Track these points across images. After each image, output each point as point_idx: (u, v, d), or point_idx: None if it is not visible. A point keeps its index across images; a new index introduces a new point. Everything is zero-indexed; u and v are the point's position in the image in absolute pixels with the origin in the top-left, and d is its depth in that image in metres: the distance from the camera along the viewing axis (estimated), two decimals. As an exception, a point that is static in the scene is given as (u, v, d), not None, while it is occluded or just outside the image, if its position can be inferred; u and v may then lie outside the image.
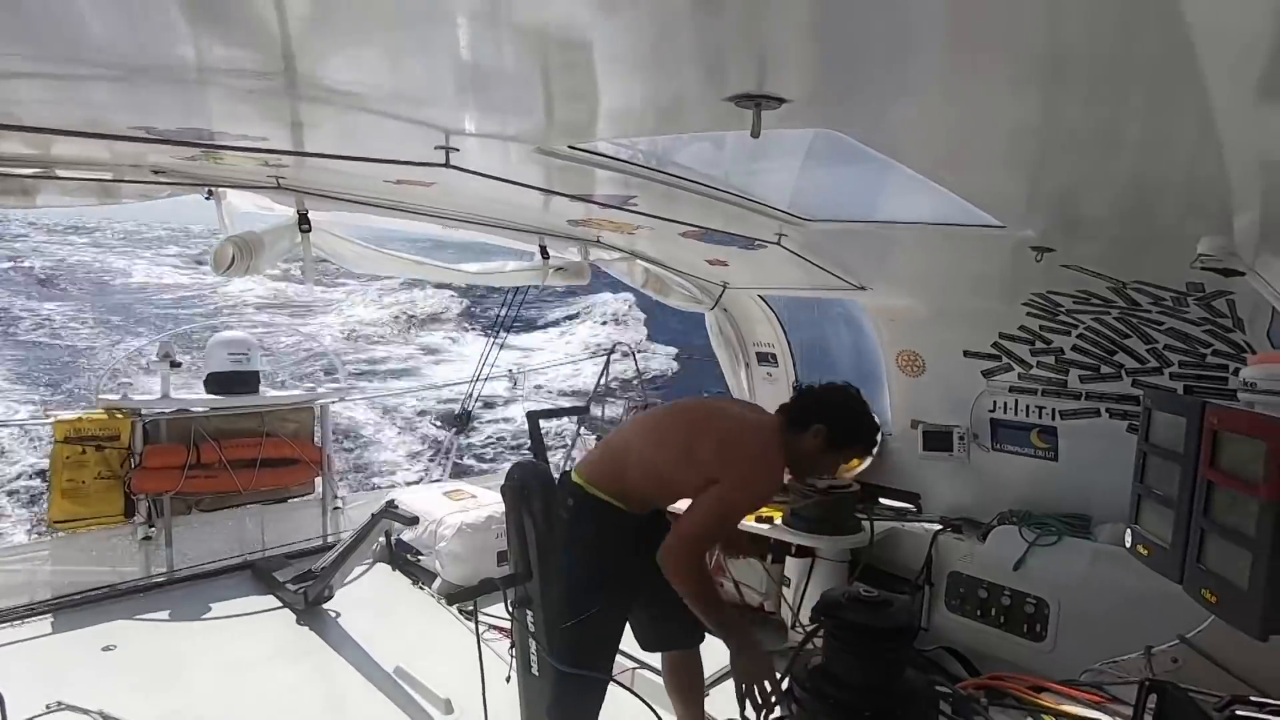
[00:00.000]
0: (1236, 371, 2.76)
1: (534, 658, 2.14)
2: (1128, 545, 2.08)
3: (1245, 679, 1.95)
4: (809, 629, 1.43)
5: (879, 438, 2.06)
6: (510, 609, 2.17)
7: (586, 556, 2.15)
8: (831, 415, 2.19)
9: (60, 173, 2.61)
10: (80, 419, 4.07)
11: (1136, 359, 3.11)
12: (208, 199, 3.09)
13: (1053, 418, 3.42)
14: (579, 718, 2.10)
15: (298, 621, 3.75)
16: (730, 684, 3.21)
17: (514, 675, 2.19)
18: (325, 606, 3.83)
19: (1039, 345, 3.36)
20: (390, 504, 3.79)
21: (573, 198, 2.79)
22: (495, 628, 3.20)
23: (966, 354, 3.60)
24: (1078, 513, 3.32)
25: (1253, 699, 1.39)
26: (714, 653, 3.34)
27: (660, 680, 2.50)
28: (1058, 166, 1.90)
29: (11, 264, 26.46)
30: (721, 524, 2.10)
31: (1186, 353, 2.95)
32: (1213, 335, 2.83)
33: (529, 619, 2.15)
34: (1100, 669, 1.98)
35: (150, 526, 4.22)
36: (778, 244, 3.16)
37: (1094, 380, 3.27)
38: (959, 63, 1.29)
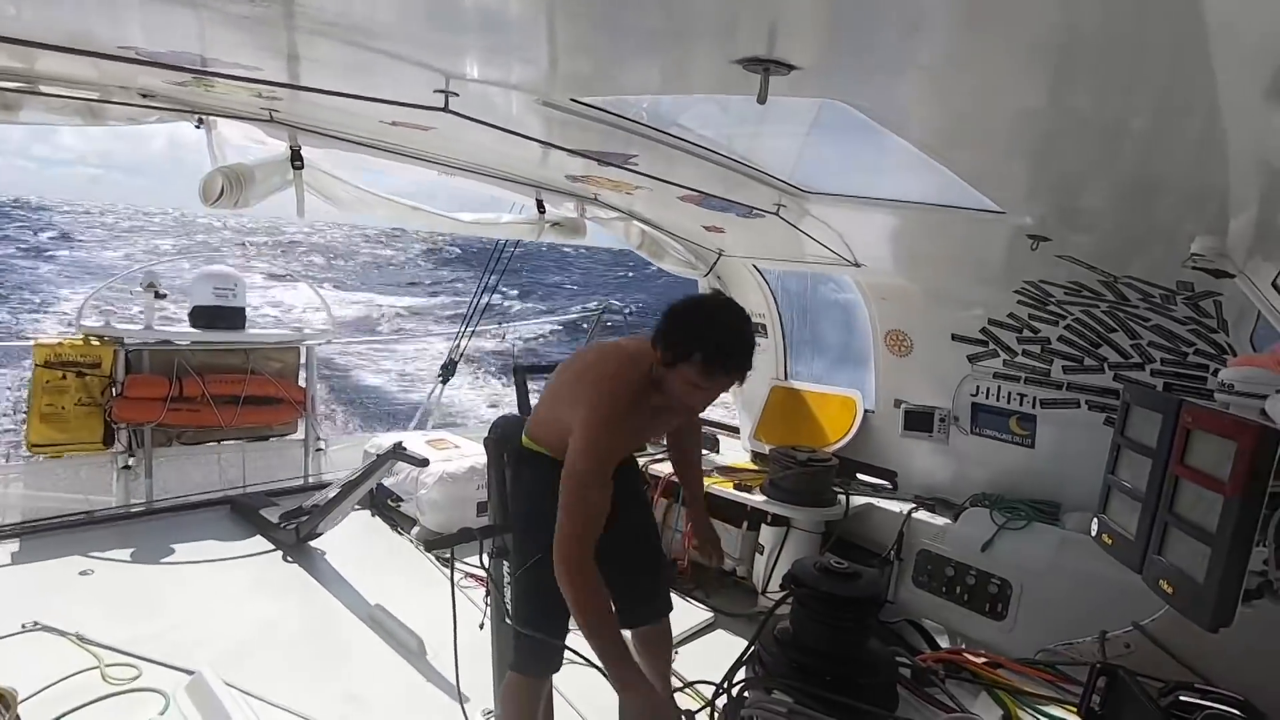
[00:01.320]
0: (1216, 372, 2.80)
1: (509, 607, 2.18)
2: (1093, 533, 2.14)
3: (1192, 667, 2.03)
4: (779, 595, 1.46)
5: (729, 358, 1.76)
6: (488, 559, 2.20)
7: (523, 508, 2.13)
8: (664, 320, 1.80)
9: (44, 88, 2.53)
10: (61, 344, 4.02)
11: (1120, 353, 3.14)
12: (197, 127, 3.01)
13: (1033, 406, 3.46)
14: (538, 668, 2.11)
15: (284, 557, 3.79)
16: (699, 642, 3.27)
17: (487, 622, 2.23)
18: (310, 545, 3.87)
19: (1026, 334, 3.39)
20: (399, 445, 3.79)
21: (572, 153, 2.75)
22: (472, 575, 3.25)
23: (954, 338, 3.62)
24: (1048, 499, 3.39)
25: (1197, 686, 1.45)
26: (682, 614, 3.42)
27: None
28: (1061, 154, 1.88)
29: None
30: (582, 503, 1.74)
31: (1169, 350, 2.99)
32: (1196, 335, 2.87)
33: (505, 569, 2.19)
34: (1055, 650, 2.05)
35: (130, 456, 4.21)
36: (776, 214, 3.14)
37: (1076, 371, 3.30)
38: (971, 39, 1.27)
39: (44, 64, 2.33)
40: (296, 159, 3.11)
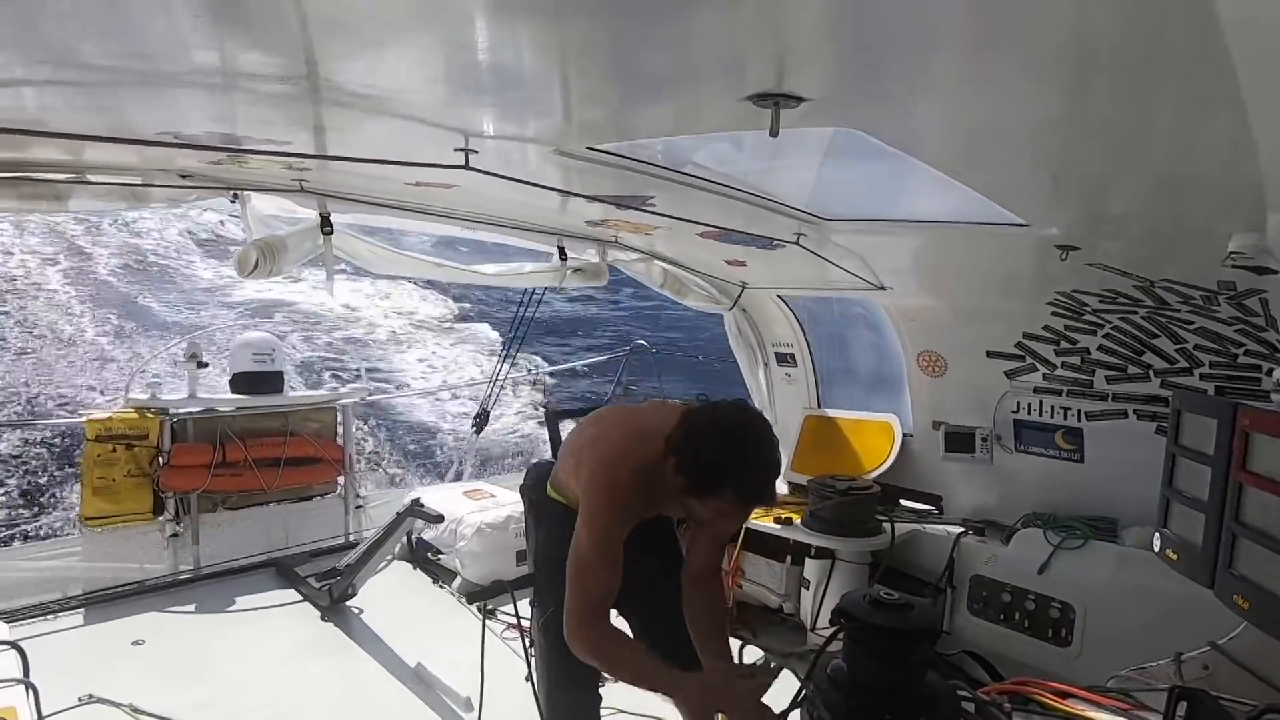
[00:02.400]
0: (1270, 372, 2.69)
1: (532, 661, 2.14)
2: (1156, 549, 2.04)
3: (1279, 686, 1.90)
4: (829, 632, 1.42)
5: (762, 492, 1.66)
6: (528, 607, 2.17)
7: (542, 556, 2.10)
8: (689, 446, 1.64)
9: (91, 177, 2.67)
10: (111, 418, 4.16)
11: (1165, 359, 3.05)
12: (233, 202, 3.15)
13: (1078, 419, 3.36)
14: (571, 713, 2.06)
15: (322, 618, 3.80)
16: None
17: (533, 674, 2.20)
18: (349, 604, 3.88)
19: (1064, 345, 3.31)
20: (416, 502, 3.82)
21: (590, 199, 2.80)
22: (515, 626, 3.22)
23: (989, 354, 3.55)
24: (1104, 515, 3.26)
25: (1287, 708, 1.36)
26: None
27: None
28: (1084, 162, 1.86)
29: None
30: (586, 582, 1.69)
31: (1217, 353, 2.88)
32: (1245, 335, 2.77)
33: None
34: (1128, 675, 1.94)
35: (178, 524, 4.30)
36: (796, 244, 3.14)
37: (1121, 381, 3.21)
38: (981, 57, 1.28)
39: (90, 154, 2.47)
40: (326, 225, 3.23)
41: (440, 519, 3.86)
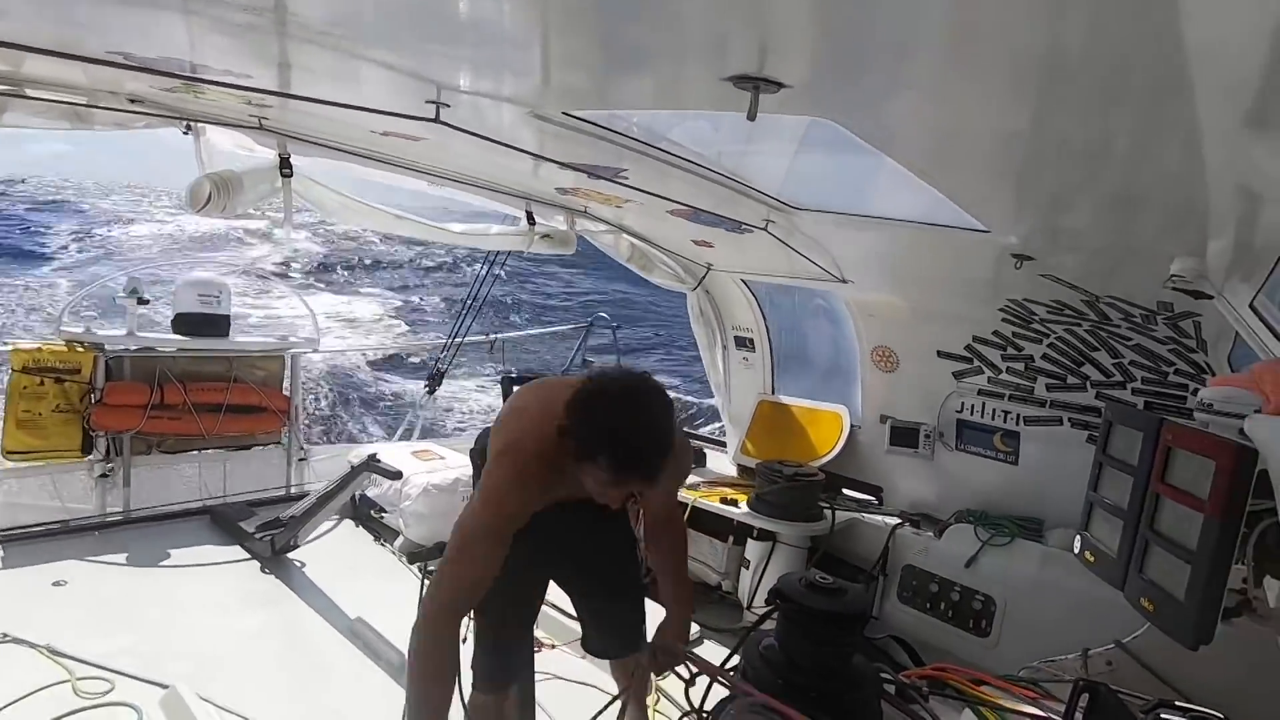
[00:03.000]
0: (1195, 391, 2.84)
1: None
2: (1075, 551, 2.15)
3: (1174, 685, 2.04)
4: (764, 610, 1.46)
5: (637, 462, 1.51)
6: None
7: None
8: (574, 408, 1.54)
9: (29, 92, 2.50)
10: (40, 349, 3.96)
11: (1102, 372, 3.18)
12: (185, 133, 3.00)
13: (1017, 423, 3.49)
14: (482, 682, 2.04)
15: (261, 569, 3.73)
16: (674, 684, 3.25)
17: (469, 636, 2.21)
18: (289, 556, 3.81)
19: (1010, 351, 3.42)
20: (373, 457, 3.76)
21: (563, 165, 2.76)
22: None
23: (940, 354, 3.65)
24: (1032, 515, 3.42)
25: (1178, 704, 1.46)
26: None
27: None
28: (1045, 174, 1.92)
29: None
30: (463, 560, 1.59)
31: (1150, 369, 3.03)
32: (1177, 355, 2.91)
33: None
34: (1038, 667, 2.06)
35: (108, 464, 4.14)
36: (765, 230, 3.16)
37: (1060, 389, 3.34)
38: (957, 62, 1.29)
39: (30, 67, 2.31)
40: (285, 167, 3.10)
41: (399, 475, 3.81)
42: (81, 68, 2.18)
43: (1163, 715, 1.39)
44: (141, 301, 4.24)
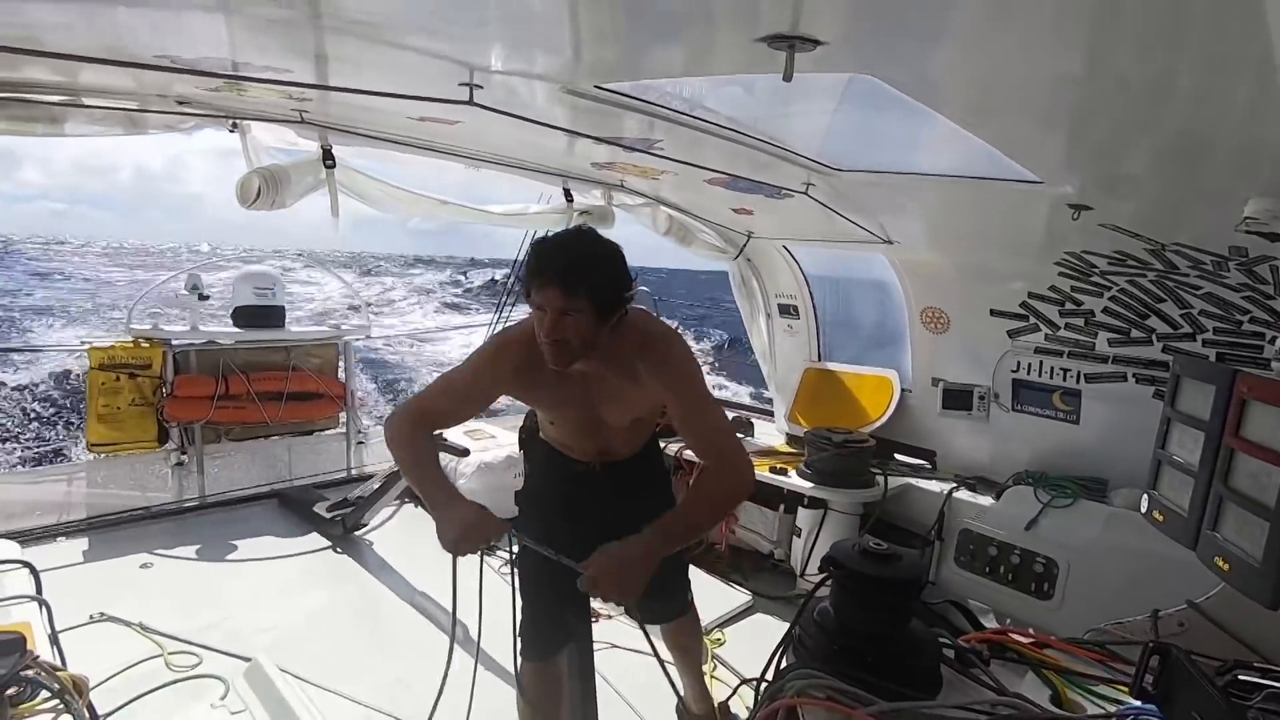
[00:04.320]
0: (1273, 340, 2.69)
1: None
2: (1143, 510, 2.08)
3: (1251, 645, 1.96)
4: (818, 578, 1.45)
5: (550, 263, 1.60)
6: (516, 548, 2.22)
7: (524, 493, 2.24)
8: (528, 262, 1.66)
9: (87, 101, 2.61)
10: (114, 347, 4.18)
11: (1169, 324, 3.04)
12: (232, 131, 3.08)
13: (1077, 380, 3.37)
14: (530, 651, 2.11)
15: (333, 549, 3.91)
16: (738, 626, 3.25)
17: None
18: (356, 535, 3.99)
19: (1069, 306, 3.29)
20: (439, 436, 3.89)
21: (598, 140, 2.74)
22: (511, 563, 3.31)
23: (993, 313, 3.53)
24: (1095, 476, 3.31)
25: (1255, 664, 1.40)
26: (721, 598, 3.43)
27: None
28: (1102, 119, 1.81)
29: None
30: (433, 389, 1.86)
31: (1222, 319, 2.87)
32: (1251, 302, 2.75)
33: None
34: (1105, 629, 2.01)
35: (182, 453, 4.38)
36: (805, 194, 3.09)
37: (1123, 344, 3.20)
38: (1001, 6, 1.23)
39: (86, 77, 2.40)
40: (328, 158, 3.17)
41: (466, 453, 3.92)
42: (132, 73, 2.25)
43: (1239, 676, 1.34)
44: (202, 297, 4.43)
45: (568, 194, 4.03)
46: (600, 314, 1.63)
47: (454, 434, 4.53)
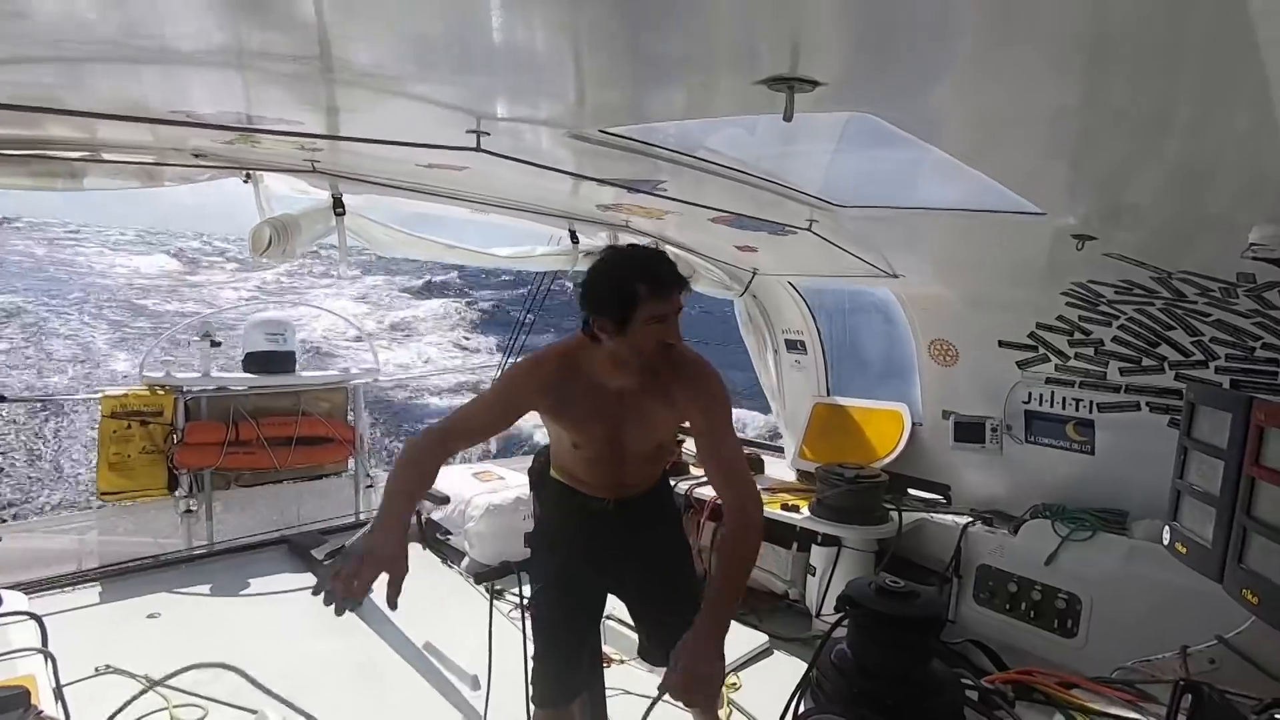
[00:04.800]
0: (1287, 366, 2.66)
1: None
2: (1165, 542, 2.03)
3: (1286, 682, 1.89)
4: (834, 618, 1.42)
5: (661, 267, 1.73)
6: (526, 590, 2.19)
7: (535, 532, 2.21)
8: (590, 297, 1.75)
9: (106, 155, 2.69)
10: (126, 395, 4.21)
11: (1180, 351, 3.01)
12: (245, 182, 3.16)
13: (1090, 410, 3.33)
14: (543, 697, 2.05)
15: None
16: (755, 668, 3.16)
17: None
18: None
19: (1078, 336, 3.28)
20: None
21: (602, 182, 2.79)
22: (521, 607, 3.26)
23: (1001, 344, 3.52)
24: (1113, 508, 3.25)
25: (1293, 702, 1.35)
26: (737, 640, 3.35)
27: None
28: (1102, 150, 1.83)
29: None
30: (460, 410, 1.91)
31: (1234, 346, 2.85)
32: (1262, 328, 2.73)
33: None
34: (1133, 667, 1.94)
35: (192, 500, 4.36)
36: (809, 230, 3.12)
37: (1135, 373, 3.17)
38: (998, 41, 1.25)
39: (104, 133, 2.48)
40: (338, 206, 3.23)
41: (446, 500, 3.89)
42: (149, 129, 2.32)
43: (1276, 716, 1.29)
44: (214, 344, 4.47)
45: (573, 235, 4.08)
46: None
47: (459, 478, 4.51)
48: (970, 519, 3.53)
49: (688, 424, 1.91)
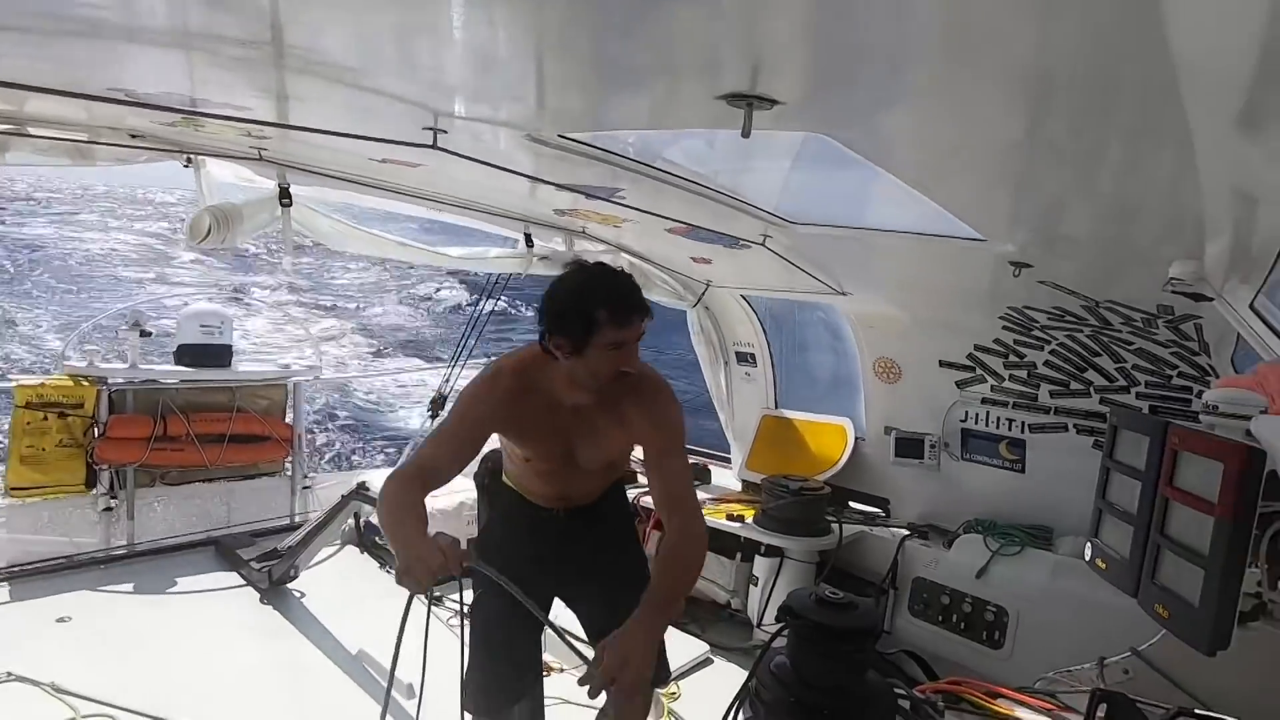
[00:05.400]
0: (1200, 394, 2.83)
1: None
2: (1087, 558, 2.13)
3: (1193, 693, 2.01)
4: (775, 628, 1.44)
5: (627, 297, 1.66)
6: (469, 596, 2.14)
7: (481, 541, 2.15)
8: (550, 314, 1.67)
9: (33, 130, 2.53)
10: (43, 384, 3.97)
11: (1106, 377, 3.18)
12: (186, 166, 3.03)
13: (1022, 430, 3.48)
14: (472, 704, 2.01)
15: (261, 600, 3.69)
16: (695, 678, 3.17)
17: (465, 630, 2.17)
18: (290, 586, 3.78)
19: (1012, 359, 3.42)
20: (361, 485, 3.74)
21: (560, 187, 2.78)
22: (461, 614, 3.19)
23: (942, 364, 3.65)
24: (1041, 524, 3.39)
25: (1198, 712, 1.43)
26: (677, 649, 3.36)
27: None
28: (1040, 183, 1.93)
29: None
30: (428, 443, 1.82)
31: (1153, 373, 3.02)
32: (1179, 357, 2.90)
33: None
34: (1054, 678, 2.03)
35: (112, 498, 4.13)
36: (762, 245, 3.17)
37: (1063, 396, 3.33)
38: (950, 74, 1.30)
39: (33, 106, 2.34)
40: (285, 197, 3.13)
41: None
42: (84, 105, 2.21)
43: (1183, 724, 1.37)
44: (144, 334, 4.26)
45: (529, 239, 4.05)
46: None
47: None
48: (907, 532, 3.64)
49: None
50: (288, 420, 4.79)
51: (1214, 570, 1.53)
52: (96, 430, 4.01)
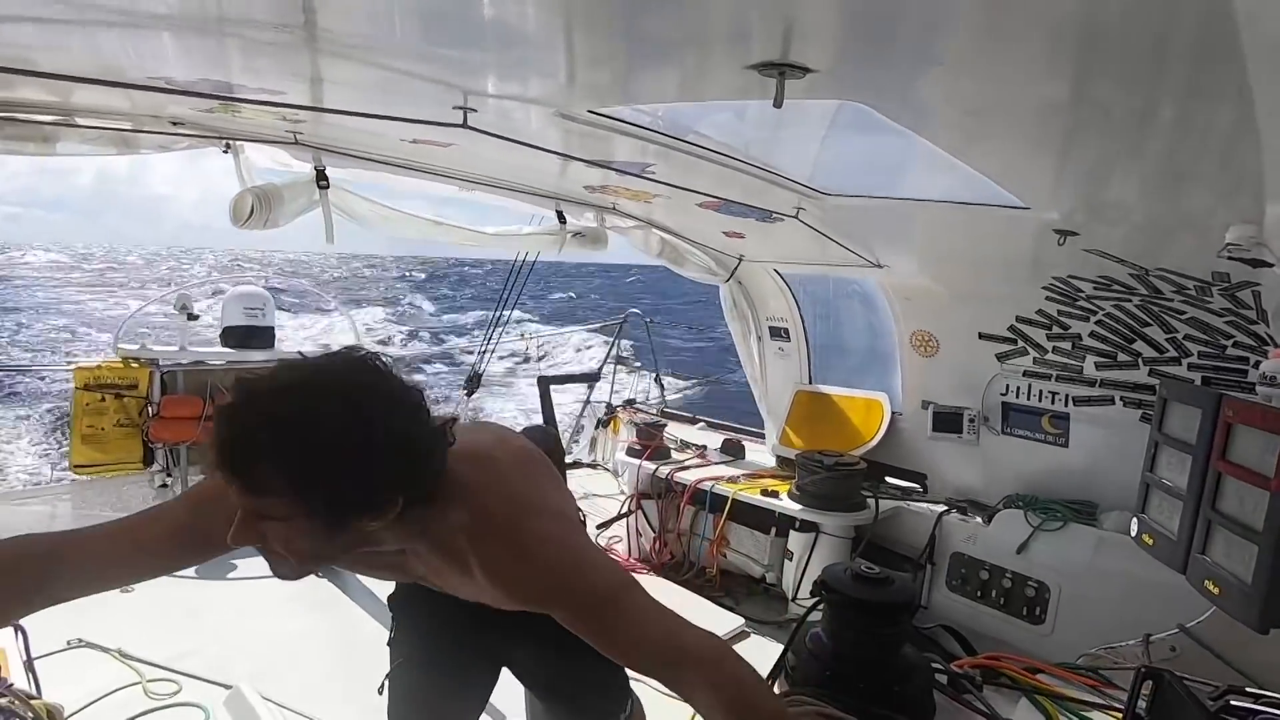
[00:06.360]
0: (1257, 365, 2.72)
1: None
2: (1133, 534, 2.09)
3: (1242, 670, 1.96)
4: (810, 603, 1.44)
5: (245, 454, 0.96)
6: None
7: (404, 602, 1.79)
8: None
9: (80, 121, 2.61)
10: (100, 367, 4.14)
11: (1155, 348, 3.07)
12: (225, 152, 3.08)
13: (1065, 404, 3.39)
14: None
15: (315, 574, 3.84)
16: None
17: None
18: (338, 559, 3.92)
19: (1056, 330, 3.32)
20: None
21: (590, 163, 2.77)
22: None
23: (981, 336, 3.56)
24: (1085, 499, 3.32)
25: (1248, 690, 1.40)
26: (713, 623, 3.39)
27: None
28: (1086, 147, 1.85)
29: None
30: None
31: (1207, 343, 2.91)
32: (1235, 327, 2.79)
33: None
34: (1097, 654, 2.00)
35: (168, 475, 4.31)
36: (796, 218, 3.12)
37: (1110, 368, 3.23)
38: (989, 34, 1.26)
39: (79, 97, 2.41)
40: (322, 179, 3.18)
41: None
42: (126, 94, 2.26)
43: (1232, 702, 1.34)
44: (191, 317, 4.40)
45: (560, 216, 4.06)
46: (329, 522, 1.03)
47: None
48: (945, 508, 3.59)
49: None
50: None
51: (1269, 546, 1.48)
52: (150, 410, 4.18)
